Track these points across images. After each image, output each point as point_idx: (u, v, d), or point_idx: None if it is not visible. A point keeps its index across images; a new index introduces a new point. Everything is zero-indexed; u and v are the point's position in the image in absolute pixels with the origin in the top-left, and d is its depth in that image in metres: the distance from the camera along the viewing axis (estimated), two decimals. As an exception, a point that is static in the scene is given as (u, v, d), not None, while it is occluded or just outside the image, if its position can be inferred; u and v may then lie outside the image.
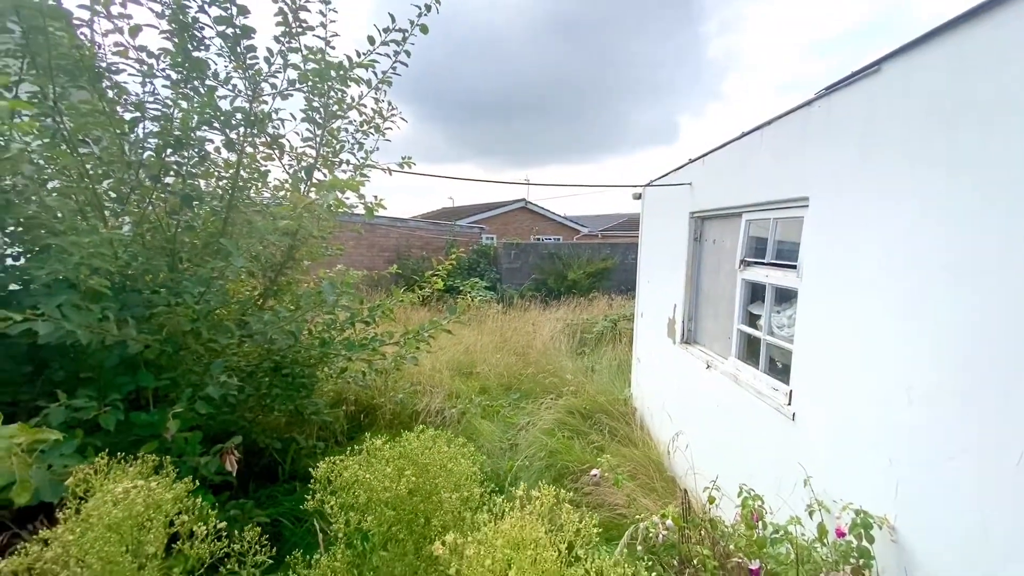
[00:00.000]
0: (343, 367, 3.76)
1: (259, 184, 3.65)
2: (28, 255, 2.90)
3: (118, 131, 3.08)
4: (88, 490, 1.43)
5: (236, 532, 1.32)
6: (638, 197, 6.03)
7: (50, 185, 2.91)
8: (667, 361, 4.93)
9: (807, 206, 2.67)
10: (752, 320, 3.48)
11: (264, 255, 3.68)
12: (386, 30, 3.26)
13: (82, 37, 2.86)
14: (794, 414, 2.69)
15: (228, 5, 2.78)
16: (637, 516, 2.19)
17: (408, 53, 3.59)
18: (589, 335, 9.35)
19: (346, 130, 3.74)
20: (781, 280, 2.98)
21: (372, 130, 3.85)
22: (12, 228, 2.83)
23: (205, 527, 1.22)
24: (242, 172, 3.34)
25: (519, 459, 4.31)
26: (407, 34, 3.51)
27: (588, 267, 15.05)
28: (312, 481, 1.45)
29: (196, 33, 3.05)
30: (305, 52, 3.27)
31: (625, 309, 10.71)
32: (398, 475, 1.33)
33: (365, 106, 3.71)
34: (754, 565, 1.99)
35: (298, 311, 3.22)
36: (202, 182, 3.31)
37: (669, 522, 2.08)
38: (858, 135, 2.26)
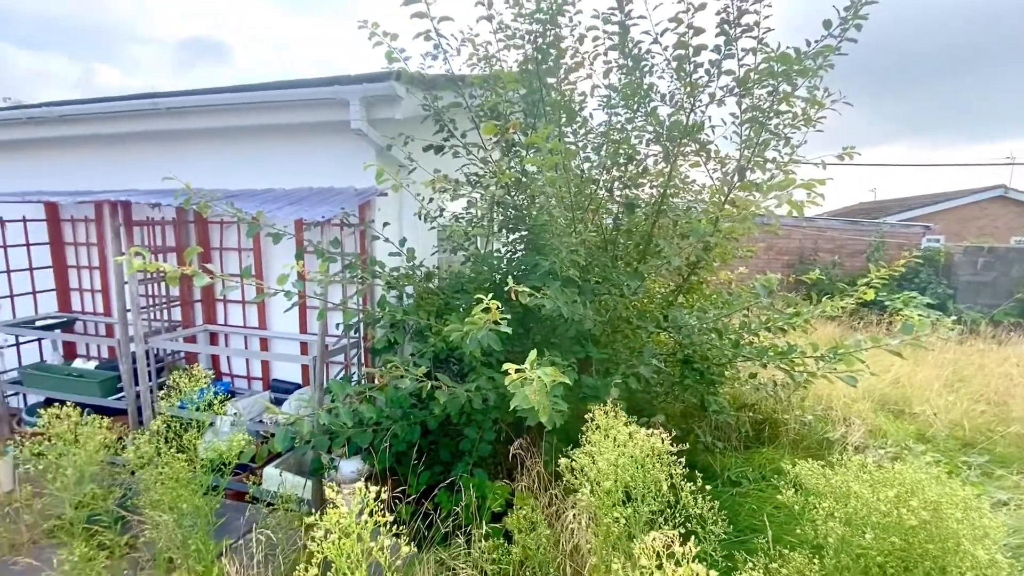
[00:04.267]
0: (753, 372, 3.65)
1: (684, 189, 3.95)
2: (524, 252, 4.09)
3: (583, 155, 3.95)
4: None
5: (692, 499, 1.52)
6: None
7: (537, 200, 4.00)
8: None
9: None
10: None
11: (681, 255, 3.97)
12: (847, 8, 2.91)
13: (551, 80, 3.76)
14: None
15: (685, 31, 3.07)
16: None
17: (859, 27, 3.09)
18: None
19: (777, 125, 3.57)
20: None
21: (802, 123, 3.53)
22: (518, 234, 4.06)
23: (691, 484, 1.46)
24: (673, 180, 3.69)
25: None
26: (860, 4, 3.04)
27: None
28: (778, 476, 1.49)
29: (647, 61, 3.54)
30: (741, 54, 3.28)
31: None
32: (898, 502, 1.18)
33: (799, 98, 3.43)
34: None
35: (715, 310, 3.32)
36: (640, 191, 3.83)
37: None
38: None
